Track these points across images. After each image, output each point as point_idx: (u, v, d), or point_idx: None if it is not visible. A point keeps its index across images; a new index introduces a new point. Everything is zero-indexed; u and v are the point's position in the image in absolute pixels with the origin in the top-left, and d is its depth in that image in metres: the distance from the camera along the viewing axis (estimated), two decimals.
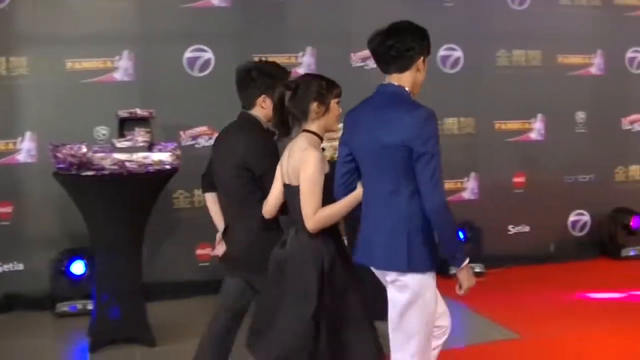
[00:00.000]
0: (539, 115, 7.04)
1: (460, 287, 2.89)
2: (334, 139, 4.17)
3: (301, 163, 2.94)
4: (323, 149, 3.16)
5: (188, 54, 5.98)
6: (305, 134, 3.05)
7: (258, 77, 3.42)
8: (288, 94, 3.04)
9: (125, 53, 5.80)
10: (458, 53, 6.69)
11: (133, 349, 4.68)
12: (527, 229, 7.07)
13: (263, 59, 4.04)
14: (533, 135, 7.04)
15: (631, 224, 7.01)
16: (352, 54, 6.20)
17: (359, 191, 2.96)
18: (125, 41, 5.80)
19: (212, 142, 5.77)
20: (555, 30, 7.03)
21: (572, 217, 7.27)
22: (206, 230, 5.91)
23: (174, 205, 6.01)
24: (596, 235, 7.32)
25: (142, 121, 4.87)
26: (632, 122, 7.46)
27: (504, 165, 6.96)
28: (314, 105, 3.01)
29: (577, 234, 7.30)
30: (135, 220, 4.66)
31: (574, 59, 7.18)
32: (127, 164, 4.48)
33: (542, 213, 7.07)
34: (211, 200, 3.76)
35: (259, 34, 6.14)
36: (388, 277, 2.88)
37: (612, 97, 7.34)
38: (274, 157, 3.25)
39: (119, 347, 4.67)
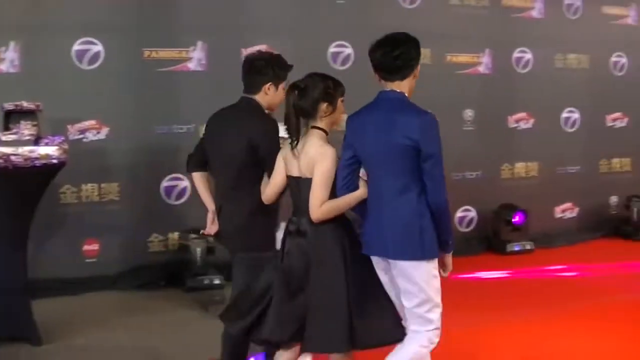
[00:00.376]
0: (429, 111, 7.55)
1: (444, 270, 3.44)
2: None
3: (320, 158, 3.34)
4: None
5: (77, 46, 6.11)
6: (315, 130, 3.44)
7: (267, 65, 3.84)
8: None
9: (12, 44, 5.89)
10: (349, 50, 7.11)
11: (17, 347, 4.77)
12: None
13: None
14: None
15: (513, 220, 7.64)
16: (243, 49, 6.46)
17: (362, 190, 3.41)
18: (11, 32, 5.87)
19: (100, 136, 6.07)
20: (444, 30, 7.56)
21: (459, 213, 7.85)
22: (93, 225, 6.15)
23: (61, 200, 6.13)
24: (482, 231, 7.93)
25: (29, 114, 4.91)
26: (517, 121, 8.12)
27: None
28: (323, 106, 3.41)
29: (463, 229, 7.88)
30: (21, 215, 4.77)
31: (463, 58, 7.76)
32: (13, 157, 4.55)
33: None
34: (200, 180, 4.08)
35: (150, 28, 6.35)
36: (398, 266, 3.31)
37: (499, 95, 7.98)
38: (278, 141, 3.70)
39: (3, 345, 4.75)
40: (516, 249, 7.68)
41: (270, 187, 3.62)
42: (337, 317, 3.31)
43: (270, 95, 3.85)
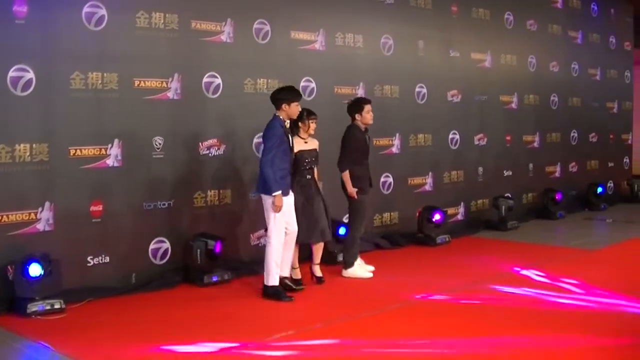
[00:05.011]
0: (116, 141, 8.18)
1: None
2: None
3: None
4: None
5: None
6: None
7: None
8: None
9: None
10: (30, 74, 7.54)
11: None
12: (107, 259, 8.15)
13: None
14: (109, 162, 8.16)
15: (209, 249, 8.48)
16: None
17: None
18: None
19: None
20: (132, 53, 8.29)
21: (152, 245, 8.55)
22: None
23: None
24: (178, 262, 8.69)
25: None
26: (209, 147, 9.04)
27: (80, 194, 7.96)
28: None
29: (158, 262, 8.59)
30: None
31: (151, 83, 8.50)
32: None
33: (122, 242, 8.26)
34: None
35: None
36: None
37: (190, 121, 8.84)
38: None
39: None
40: (214, 279, 8.49)
41: None
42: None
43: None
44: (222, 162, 9.19)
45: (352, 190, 8.82)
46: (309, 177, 8.52)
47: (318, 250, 8.68)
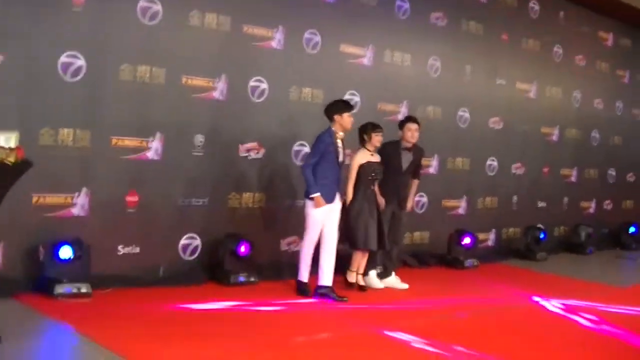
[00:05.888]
0: (158, 134, 8.20)
1: None
2: None
3: None
4: None
5: None
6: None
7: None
8: None
9: None
10: (81, 61, 7.57)
11: None
12: (137, 250, 8.15)
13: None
14: (150, 155, 8.18)
15: (238, 250, 8.46)
16: None
17: None
18: None
19: None
20: (182, 51, 8.31)
21: (183, 241, 8.54)
22: None
23: None
24: (206, 260, 8.68)
25: None
26: (248, 150, 9.02)
27: (117, 183, 7.98)
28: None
29: (187, 257, 8.58)
30: None
31: (198, 82, 8.50)
32: None
33: (154, 235, 8.26)
34: None
35: None
36: None
37: (232, 123, 8.83)
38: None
39: None
40: (240, 280, 8.47)
41: None
42: None
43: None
44: (259, 165, 9.17)
45: (382, 201, 8.85)
46: (373, 187, 8.64)
47: (363, 259, 8.75)
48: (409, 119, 9.29)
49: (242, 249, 8.52)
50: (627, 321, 8.20)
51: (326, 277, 8.25)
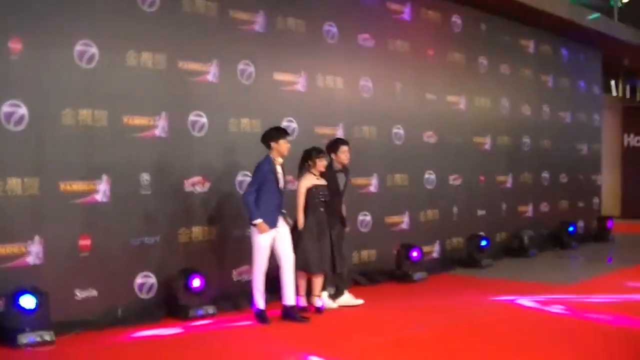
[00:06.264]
0: (104, 177, 8.32)
1: None
2: None
3: None
4: None
5: None
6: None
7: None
8: None
9: None
10: (23, 110, 7.67)
11: None
12: (94, 293, 8.24)
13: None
14: (98, 197, 8.29)
15: (191, 284, 8.59)
16: None
17: None
18: None
19: None
20: (121, 91, 8.47)
21: (139, 280, 8.65)
22: None
23: None
24: (162, 297, 8.80)
25: None
26: (193, 184, 9.20)
27: (69, 228, 8.06)
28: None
29: (144, 296, 8.69)
30: None
31: (140, 120, 8.66)
32: None
33: (109, 276, 8.35)
34: None
35: None
36: None
37: (175, 159, 9.01)
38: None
39: None
40: (199, 313, 8.62)
41: None
42: None
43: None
44: (206, 199, 9.35)
45: None
46: (322, 209, 8.94)
47: (318, 282, 9.01)
48: (342, 141, 9.59)
49: (196, 282, 8.65)
50: (594, 307, 8.85)
51: (289, 297, 8.54)
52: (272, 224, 8.40)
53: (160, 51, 8.85)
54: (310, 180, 8.90)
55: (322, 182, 9.01)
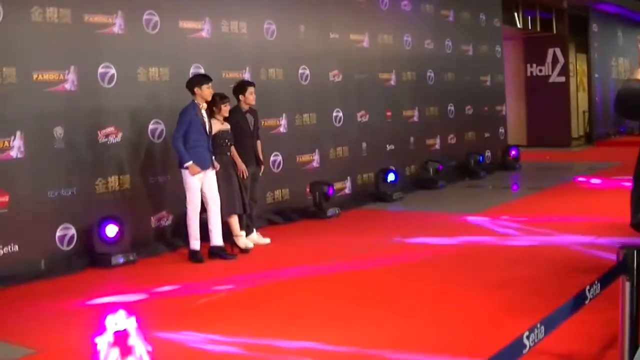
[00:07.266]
0: (18, 133, 8.66)
1: None
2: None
3: None
4: None
5: None
6: None
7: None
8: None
9: None
10: None
11: None
12: (16, 247, 8.63)
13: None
14: (13, 154, 8.64)
15: (108, 233, 9.06)
16: None
17: None
18: None
19: None
20: (29, 47, 8.77)
21: (59, 232, 9.07)
22: None
23: None
24: (83, 247, 9.25)
25: None
26: (107, 135, 9.60)
27: None
28: None
29: (65, 247, 9.12)
30: None
31: (49, 76, 9.00)
32: None
33: (30, 230, 8.75)
34: None
35: None
36: None
37: (87, 112, 9.39)
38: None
39: None
40: (120, 261, 9.11)
41: None
42: None
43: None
44: (120, 148, 9.77)
45: (243, 166, 9.75)
46: (228, 154, 9.54)
47: (234, 223, 9.59)
48: (248, 83, 10.22)
49: (112, 230, 9.10)
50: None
51: (216, 238, 9.26)
52: (203, 166, 9.06)
53: (64, 5, 9.13)
54: (216, 126, 9.40)
55: (227, 127, 9.58)
